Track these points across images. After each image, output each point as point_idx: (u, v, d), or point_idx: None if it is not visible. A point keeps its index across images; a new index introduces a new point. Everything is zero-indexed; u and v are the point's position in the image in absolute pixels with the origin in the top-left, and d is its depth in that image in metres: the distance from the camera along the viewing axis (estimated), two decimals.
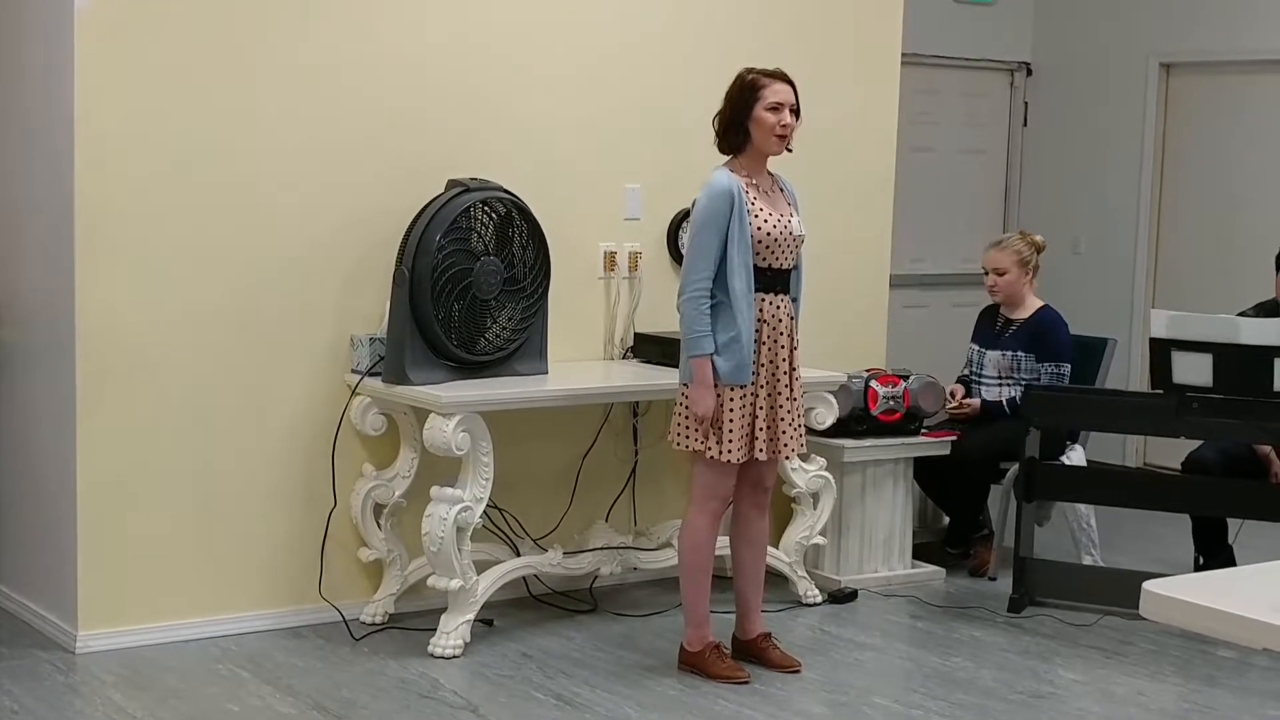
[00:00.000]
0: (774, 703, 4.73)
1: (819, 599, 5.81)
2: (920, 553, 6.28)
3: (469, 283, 5.11)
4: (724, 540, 5.23)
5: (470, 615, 5.08)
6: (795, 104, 4.81)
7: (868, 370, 6.15)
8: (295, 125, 5.18)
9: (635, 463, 5.86)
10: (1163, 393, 5.45)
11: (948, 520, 6.56)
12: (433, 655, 5.00)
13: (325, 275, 5.27)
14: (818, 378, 5.61)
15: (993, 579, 6.19)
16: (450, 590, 5.02)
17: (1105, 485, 6.26)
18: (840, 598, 5.85)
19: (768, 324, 4.81)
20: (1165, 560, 6.26)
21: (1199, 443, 6.07)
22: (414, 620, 5.31)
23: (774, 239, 4.77)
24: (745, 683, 4.86)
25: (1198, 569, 5.99)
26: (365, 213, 5.29)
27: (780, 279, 4.84)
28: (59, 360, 5.01)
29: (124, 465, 4.99)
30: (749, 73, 4.84)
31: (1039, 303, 6.34)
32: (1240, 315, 5.66)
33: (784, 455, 4.94)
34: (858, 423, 5.99)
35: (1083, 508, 6.24)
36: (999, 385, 6.28)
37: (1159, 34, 8.37)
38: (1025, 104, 8.97)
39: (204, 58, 5.00)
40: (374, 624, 5.30)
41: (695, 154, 5.21)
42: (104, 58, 4.85)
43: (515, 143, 5.56)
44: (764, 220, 4.76)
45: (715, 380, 4.72)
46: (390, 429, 5.32)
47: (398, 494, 5.31)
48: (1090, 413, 5.84)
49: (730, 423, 4.75)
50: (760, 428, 4.79)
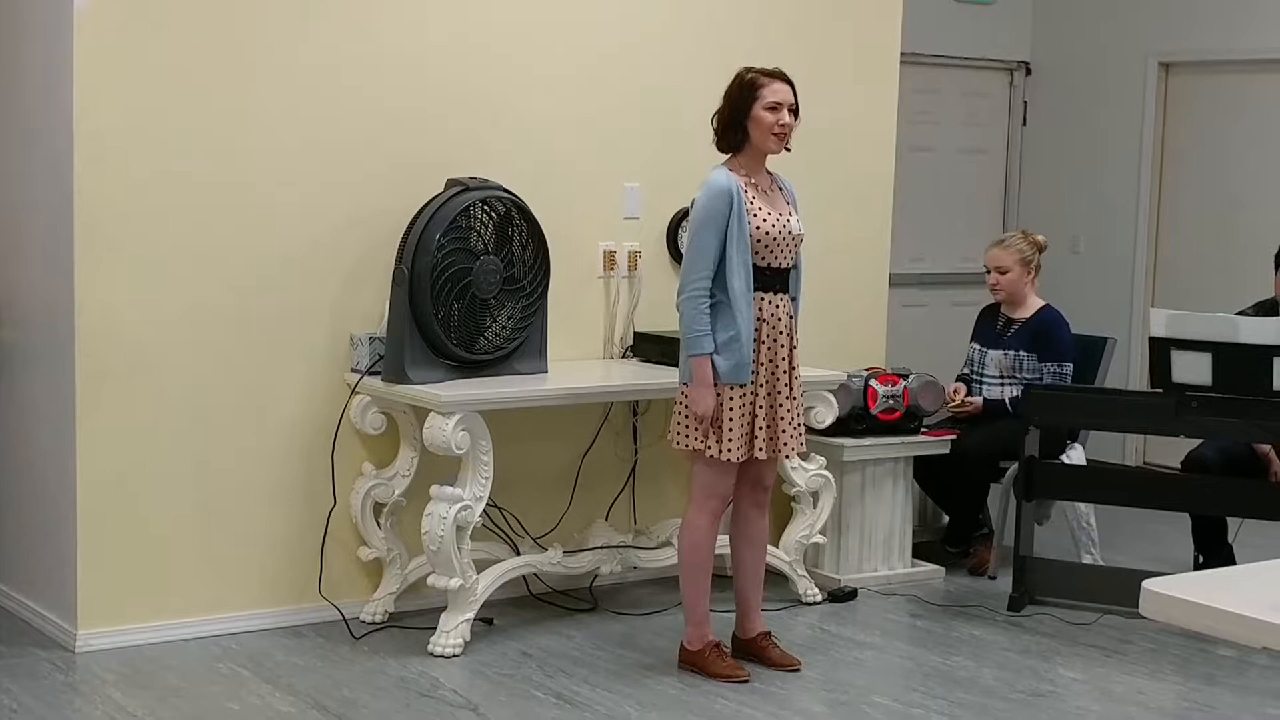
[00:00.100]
0: (774, 701, 4.73)
1: (819, 598, 5.81)
2: (920, 551, 6.28)
3: (468, 282, 5.11)
4: (724, 539, 5.23)
5: (470, 614, 5.08)
6: (794, 103, 4.82)
7: (867, 369, 6.15)
8: (295, 125, 5.18)
9: (635, 462, 5.86)
10: (1162, 392, 5.45)
11: (947, 519, 6.55)
12: (433, 654, 5.00)
13: (325, 274, 5.27)
14: (817, 376, 5.61)
15: (992, 578, 6.19)
16: (450, 589, 5.02)
17: (1105, 484, 6.25)
18: (840, 596, 5.85)
19: (767, 323, 4.81)
20: (1165, 559, 6.26)
21: (1198, 442, 6.07)
22: (414, 619, 5.31)
23: (773, 238, 4.77)
24: (745, 682, 4.86)
25: (1197, 568, 5.99)
26: (365, 212, 5.29)
27: (779, 278, 4.84)
28: (58, 360, 5.01)
29: (123, 464, 4.99)
30: (748, 72, 4.84)
31: (1040, 302, 6.34)
32: (1239, 314, 5.67)
33: (784, 454, 4.93)
34: (857, 422, 5.99)
35: (1082, 507, 6.24)
36: (1001, 384, 6.27)
37: (1158, 33, 8.36)
38: (1024, 103, 8.97)
39: (204, 57, 5.00)
40: (374, 623, 5.30)
41: (695, 153, 5.21)
42: (103, 57, 4.85)
43: (515, 142, 5.56)
44: (763, 219, 4.76)
45: (715, 379, 4.73)
46: (390, 428, 5.32)
47: (397, 493, 5.31)
48: (1090, 412, 5.84)
49: (730, 422, 4.75)
50: (760, 427, 4.79)
